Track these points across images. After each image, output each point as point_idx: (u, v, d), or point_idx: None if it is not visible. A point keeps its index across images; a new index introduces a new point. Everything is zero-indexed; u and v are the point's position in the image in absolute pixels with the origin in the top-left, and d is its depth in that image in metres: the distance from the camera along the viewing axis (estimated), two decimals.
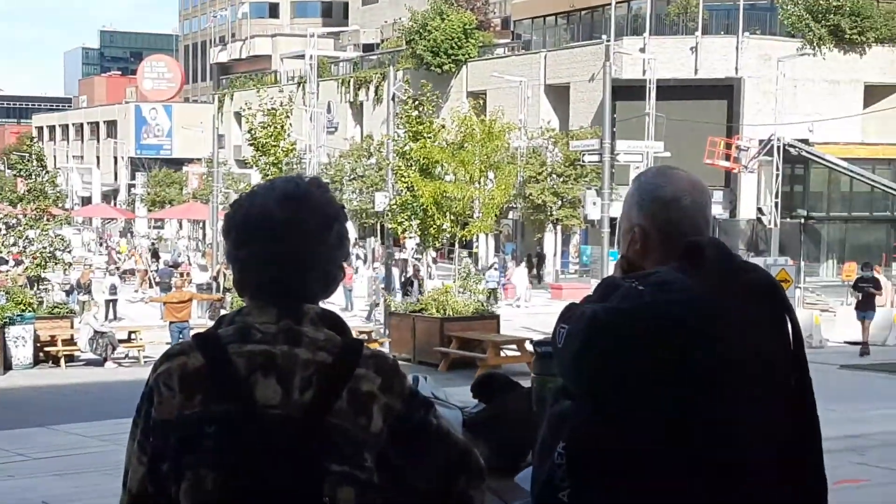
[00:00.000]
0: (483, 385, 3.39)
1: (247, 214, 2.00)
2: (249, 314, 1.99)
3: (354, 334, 2.04)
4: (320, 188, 2.04)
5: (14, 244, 26.76)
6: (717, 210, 38.90)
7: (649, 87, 41.35)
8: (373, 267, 38.26)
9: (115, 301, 31.24)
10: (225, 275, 31.79)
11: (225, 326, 2.00)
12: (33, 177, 26.44)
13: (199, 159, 65.65)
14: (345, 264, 2.11)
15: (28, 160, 27.01)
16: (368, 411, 1.94)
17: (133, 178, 76.71)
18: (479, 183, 26.44)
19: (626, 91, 40.48)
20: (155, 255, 46.49)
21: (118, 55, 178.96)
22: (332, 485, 1.88)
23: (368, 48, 69.64)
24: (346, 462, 1.90)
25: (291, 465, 1.87)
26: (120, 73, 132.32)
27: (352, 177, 50.90)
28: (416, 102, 26.61)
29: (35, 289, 24.40)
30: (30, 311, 22.02)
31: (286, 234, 1.97)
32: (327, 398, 1.91)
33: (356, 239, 49.40)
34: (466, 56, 52.08)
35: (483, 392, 3.36)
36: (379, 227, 46.84)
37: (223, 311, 26.52)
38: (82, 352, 22.79)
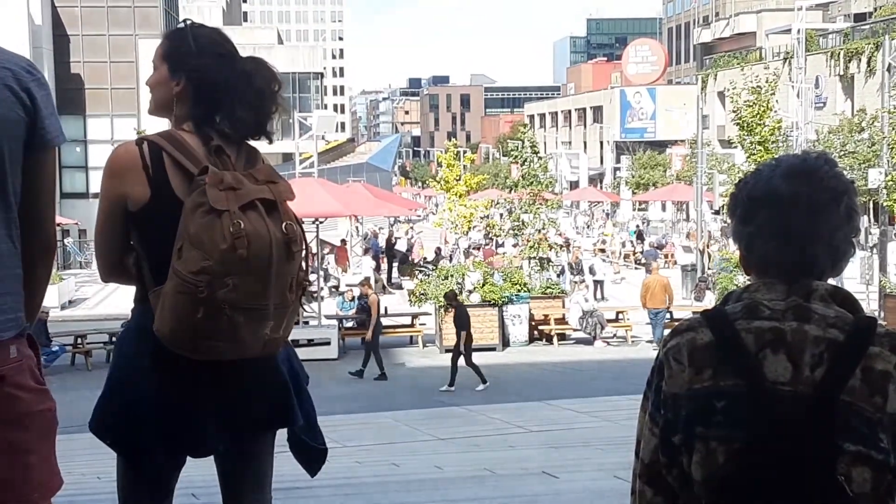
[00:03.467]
0: None
1: (753, 191, 2.01)
2: (757, 291, 2.00)
3: None
4: (828, 163, 2.01)
5: (511, 228, 28.37)
6: None
7: None
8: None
9: (601, 282, 32.15)
10: (710, 255, 31.60)
11: (732, 303, 2.02)
12: (527, 163, 27.85)
13: (682, 141, 65.62)
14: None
15: (522, 147, 28.49)
16: (884, 391, 1.89)
17: (618, 161, 78.24)
18: None
19: None
20: (640, 236, 47.20)
21: (604, 42, 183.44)
22: (847, 464, 1.85)
23: (860, 18, 65.86)
24: (861, 442, 1.86)
25: (804, 441, 1.86)
26: (605, 59, 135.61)
27: (842, 153, 48.47)
28: None
29: (542, 270, 25.59)
30: (525, 292, 23.23)
31: (793, 210, 1.96)
32: (839, 376, 1.88)
33: None
34: None
35: None
36: (871, 206, 44.24)
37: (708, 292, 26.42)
38: (574, 330, 23.66)
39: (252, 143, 3.15)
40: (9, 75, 2.53)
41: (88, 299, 32.83)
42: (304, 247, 2.99)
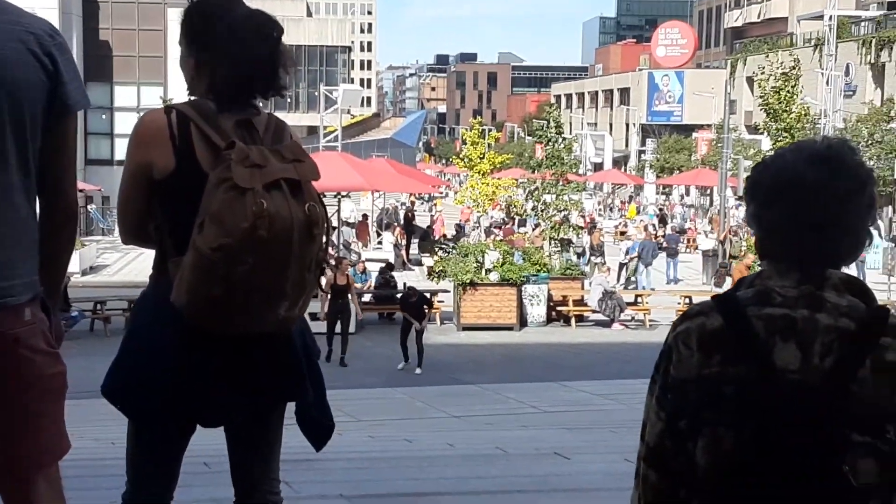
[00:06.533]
0: None
1: (776, 175, 1.98)
2: (770, 277, 1.97)
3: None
4: (851, 150, 1.98)
5: (533, 208, 28.31)
6: None
7: None
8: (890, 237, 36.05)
9: (626, 265, 32.00)
10: (731, 241, 31.46)
11: (744, 289, 2.00)
12: (551, 143, 27.76)
13: (708, 125, 65.26)
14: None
15: (547, 127, 28.40)
16: (893, 382, 1.87)
17: (643, 144, 77.97)
18: None
19: None
20: (662, 220, 47.04)
21: (633, 23, 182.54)
22: (854, 455, 1.84)
23: (893, 6, 65.19)
24: (868, 433, 1.84)
25: (810, 430, 1.84)
26: (634, 40, 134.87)
27: (869, 142, 48.14)
28: None
29: (562, 251, 25.53)
30: (544, 272, 23.19)
31: (816, 197, 1.93)
32: (849, 366, 1.86)
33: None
34: None
35: None
36: None
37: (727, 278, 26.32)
38: (594, 311, 23.62)
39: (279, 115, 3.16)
40: (32, 39, 2.54)
41: (109, 266, 32.98)
42: (325, 228, 2.97)
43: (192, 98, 3.06)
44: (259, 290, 2.83)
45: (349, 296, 18.28)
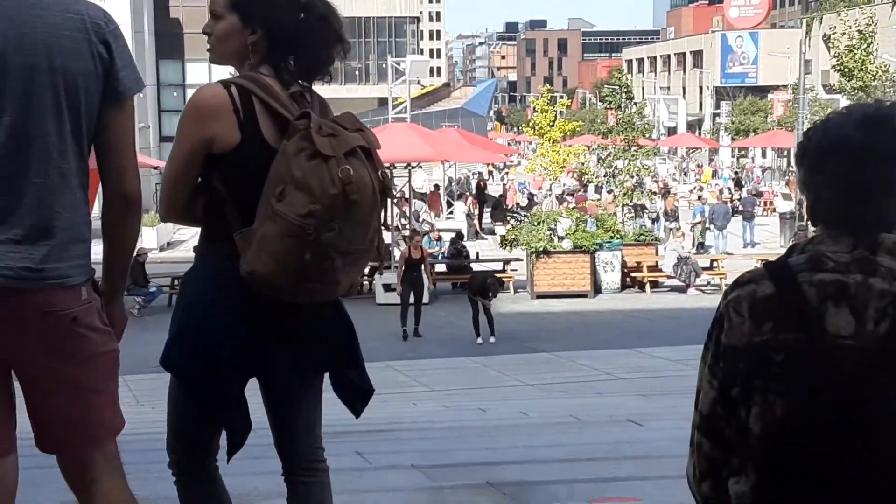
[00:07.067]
0: None
1: (821, 139, 1.95)
2: (822, 242, 1.95)
3: None
4: None
5: (605, 175, 28.11)
6: None
7: None
8: None
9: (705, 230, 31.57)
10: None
11: (797, 255, 1.97)
12: (622, 108, 27.52)
13: (784, 86, 64.07)
14: None
15: (617, 93, 28.15)
16: None
17: (717, 107, 76.85)
18: None
19: None
20: (738, 183, 46.39)
21: None
22: None
23: None
24: None
25: (863, 396, 1.82)
26: (707, 2, 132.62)
27: None
28: None
29: (636, 217, 25.29)
30: (618, 238, 23.04)
31: (864, 158, 1.89)
32: None
33: None
34: None
35: None
36: None
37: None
38: (669, 277, 23.41)
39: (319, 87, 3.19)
40: (88, 28, 2.59)
41: (186, 242, 33.46)
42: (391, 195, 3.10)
43: (245, 73, 3.07)
44: (342, 254, 2.93)
45: (422, 267, 18.34)
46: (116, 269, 2.83)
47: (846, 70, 24.52)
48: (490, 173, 49.78)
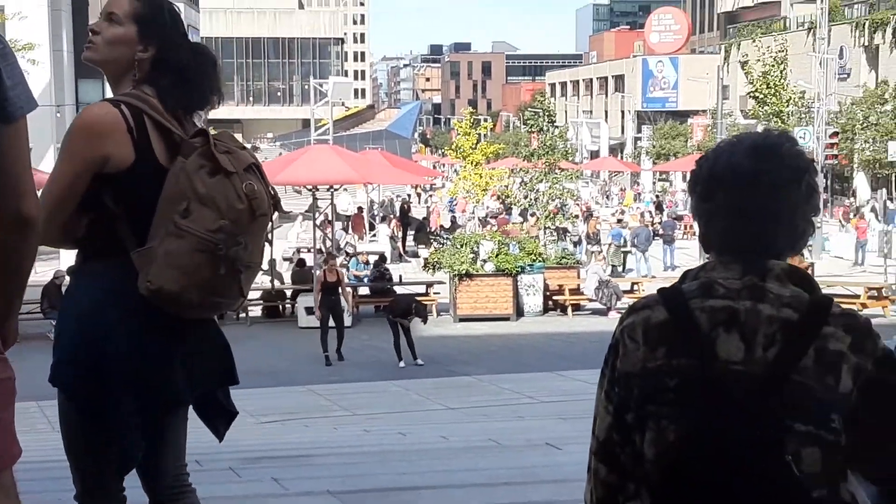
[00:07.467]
0: None
1: (712, 167, 1.98)
2: (713, 269, 1.98)
3: (862, 291, 1.97)
4: (790, 140, 1.99)
5: (526, 197, 28.26)
6: None
7: None
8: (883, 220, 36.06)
9: (626, 253, 31.86)
10: None
11: (689, 281, 2.00)
12: (544, 132, 27.71)
13: (703, 111, 65.18)
14: (861, 217, 2.03)
15: (539, 116, 28.36)
16: (836, 371, 1.87)
17: (639, 131, 77.89)
18: None
19: None
20: (658, 207, 47.00)
21: (627, 10, 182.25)
22: (796, 444, 1.84)
23: None
24: (811, 422, 1.85)
25: (753, 421, 1.84)
26: (628, 27, 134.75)
27: (864, 125, 48.13)
28: None
29: (558, 240, 25.42)
30: (540, 262, 23.15)
31: (754, 187, 1.93)
32: (792, 356, 1.87)
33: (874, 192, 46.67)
34: None
35: None
36: (893, 178, 43.99)
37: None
38: (590, 300, 23.56)
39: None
40: None
41: None
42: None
43: (129, 91, 3.06)
44: (247, 267, 3.00)
45: (339, 290, 18.24)
46: (12, 288, 2.74)
47: (759, 97, 25.01)
48: (418, 195, 49.74)
